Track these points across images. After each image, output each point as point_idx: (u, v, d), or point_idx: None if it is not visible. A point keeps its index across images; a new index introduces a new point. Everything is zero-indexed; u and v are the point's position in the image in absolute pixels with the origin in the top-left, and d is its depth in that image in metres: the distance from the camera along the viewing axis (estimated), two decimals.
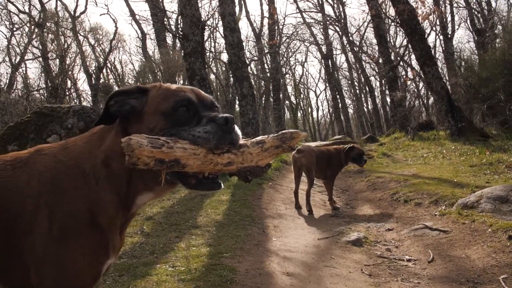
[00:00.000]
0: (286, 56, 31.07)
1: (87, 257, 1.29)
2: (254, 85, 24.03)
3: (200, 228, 4.57)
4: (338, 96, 29.10)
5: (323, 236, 4.78)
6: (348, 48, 28.81)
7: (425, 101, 27.97)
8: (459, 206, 4.80)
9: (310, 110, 47.33)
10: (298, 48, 33.95)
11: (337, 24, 28.23)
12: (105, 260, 1.35)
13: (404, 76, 25.33)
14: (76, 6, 42.70)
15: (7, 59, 25.87)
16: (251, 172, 6.33)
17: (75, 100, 26.17)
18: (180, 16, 16.49)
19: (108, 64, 30.30)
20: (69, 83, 24.12)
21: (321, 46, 29.90)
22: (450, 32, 24.60)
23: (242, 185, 7.05)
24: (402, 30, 18.27)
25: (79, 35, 26.67)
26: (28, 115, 6.80)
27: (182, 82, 19.16)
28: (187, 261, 3.46)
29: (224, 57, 23.61)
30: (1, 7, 25.09)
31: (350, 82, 35.57)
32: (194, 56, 9.82)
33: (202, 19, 11.06)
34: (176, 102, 1.33)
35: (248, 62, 19.52)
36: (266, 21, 26.38)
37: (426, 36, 14.53)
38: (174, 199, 6.07)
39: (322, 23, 27.50)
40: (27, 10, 26.36)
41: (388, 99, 23.13)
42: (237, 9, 18.23)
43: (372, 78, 32.14)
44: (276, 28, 26.48)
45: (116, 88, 25.27)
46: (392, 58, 20.86)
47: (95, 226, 1.31)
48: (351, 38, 27.87)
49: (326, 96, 47.21)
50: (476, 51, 21.74)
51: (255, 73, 29.45)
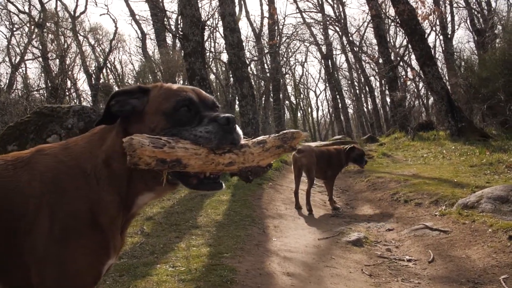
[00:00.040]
0: (286, 56, 31.05)
1: (88, 257, 1.29)
2: (254, 85, 24.00)
3: (200, 228, 4.57)
4: (338, 96, 29.09)
5: (324, 236, 4.78)
6: (348, 48, 28.81)
7: (425, 101, 28.00)
8: (460, 206, 4.80)
9: (310, 110, 47.36)
10: (298, 48, 33.95)
11: (337, 24, 28.23)
12: (106, 260, 1.35)
13: (404, 76, 25.33)
14: (76, 6, 42.64)
15: (7, 59, 25.94)
16: (253, 172, 6.32)
17: (75, 100, 26.18)
18: (180, 16, 16.51)
19: (108, 64, 30.32)
20: (69, 83, 24.14)
21: (321, 46, 29.90)
22: (450, 32, 24.64)
23: (242, 185, 7.05)
24: (402, 30, 18.28)
25: (79, 35, 26.69)
26: (28, 115, 6.80)
27: (182, 82, 19.14)
28: (188, 261, 3.46)
29: (224, 57, 23.61)
30: (1, 7, 25.14)
31: (350, 82, 35.56)
32: (194, 56, 9.83)
33: (202, 19, 11.06)
34: (178, 102, 1.33)
35: (248, 62, 19.51)
36: (266, 21, 26.41)
37: (426, 36, 14.55)
38: (174, 199, 6.06)
39: (322, 23, 27.48)
40: (27, 10, 26.42)
41: (388, 99, 23.14)
42: (237, 9, 18.20)
43: (372, 78, 32.20)
44: (276, 28, 26.46)
45: (116, 88, 25.29)
46: (392, 58, 20.86)
47: (96, 226, 1.31)
48: (351, 38, 27.88)
49: (326, 96, 47.26)
50: (476, 51, 21.76)
51: (255, 73, 29.43)
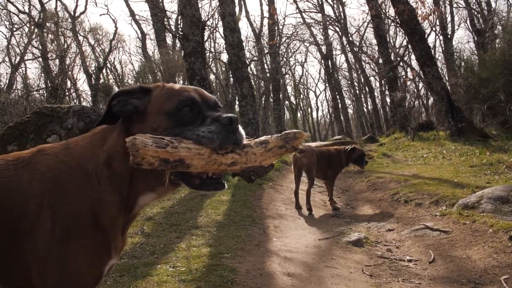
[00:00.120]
0: (286, 56, 31.02)
1: (89, 257, 1.28)
2: (254, 85, 24.01)
3: (201, 229, 4.57)
4: (338, 97, 29.08)
5: (324, 237, 4.78)
6: (348, 48, 28.81)
7: (425, 101, 28.01)
8: (460, 207, 4.79)
9: (309, 110, 47.41)
10: (298, 48, 33.93)
11: (337, 24, 28.24)
12: (107, 260, 1.34)
13: (404, 77, 25.33)
14: (76, 6, 42.58)
15: (7, 59, 25.96)
16: (255, 172, 6.34)
17: (75, 100, 26.18)
18: (180, 16, 16.50)
19: (108, 64, 30.34)
20: (69, 83, 24.14)
21: (321, 47, 29.90)
22: (450, 33, 24.66)
23: (242, 185, 7.05)
24: (402, 30, 18.28)
25: (79, 35, 26.70)
26: (28, 115, 6.80)
27: (182, 82, 19.13)
28: (188, 261, 3.46)
29: (224, 57, 23.59)
30: (1, 7, 25.14)
31: (350, 82, 35.57)
32: (194, 56, 9.83)
33: (202, 19, 11.06)
34: (180, 102, 1.33)
35: (248, 63, 19.51)
36: (266, 21, 26.40)
37: (426, 37, 14.55)
38: (174, 199, 6.06)
39: (322, 24, 27.47)
40: (27, 10, 26.43)
41: (388, 100, 23.15)
42: (237, 9, 18.21)
43: (372, 79, 32.21)
44: (276, 28, 26.45)
45: (116, 88, 25.28)
46: (392, 58, 20.87)
47: (97, 226, 1.31)
48: (351, 39, 27.88)
49: (325, 96, 47.28)
50: (476, 52, 21.78)
51: (255, 73, 29.43)
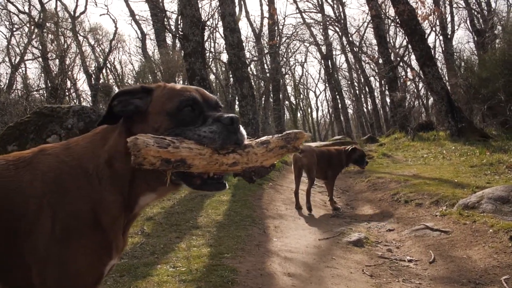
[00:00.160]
0: (285, 56, 31.02)
1: (90, 257, 1.28)
2: (254, 85, 24.00)
3: (201, 229, 4.56)
4: (337, 97, 29.09)
5: (324, 237, 4.78)
6: (348, 48, 28.80)
7: (425, 101, 28.02)
8: (460, 207, 4.79)
9: (309, 110, 47.41)
10: (298, 48, 33.93)
11: (337, 24, 28.24)
12: (107, 260, 1.34)
13: (404, 77, 25.34)
14: (76, 6, 42.51)
15: (6, 59, 25.97)
16: (256, 173, 6.33)
17: (75, 100, 26.19)
18: (180, 16, 16.52)
19: (108, 64, 30.37)
20: (69, 83, 24.16)
21: (320, 47, 29.90)
22: (450, 33, 24.67)
23: (242, 185, 7.04)
24: (402, 30, 18.29)
25: (79, 35, 26.71)
26: (28, 115, 6.80)
27: (182, 82, 19.12)
28: (188, 261, 3.45)
29: (224, 57, 23.61)
30: (1, 7, 25.14)
31: (350, 82, 35.57)
32: (194, 56, 9.83)
33: (202, 19, 11.07)
34: (181, 102, 1.33)
35: (248, 63, 19.51)
36: (266, 21, 26.41)
37: (426, 37, 14.56)
38: (174, 199, 6.05)
39: (322, 24, 27.47)
40: (27, 10, 26.46)
41: (388, 100, 23.15)
42: (237, 9, 18.21)
43: (372, 79, 32.21)
44: (276, 28, 26.46)
45: (116, 88, 25.28)
46: (392, 58, 20.87)
47: (98, 226, 1.30)
48: (350, 39, 27.87)
49: (325, 96, 47.25)
50: (476, 52, 21.79)
51: (255, 73, 29.43)
